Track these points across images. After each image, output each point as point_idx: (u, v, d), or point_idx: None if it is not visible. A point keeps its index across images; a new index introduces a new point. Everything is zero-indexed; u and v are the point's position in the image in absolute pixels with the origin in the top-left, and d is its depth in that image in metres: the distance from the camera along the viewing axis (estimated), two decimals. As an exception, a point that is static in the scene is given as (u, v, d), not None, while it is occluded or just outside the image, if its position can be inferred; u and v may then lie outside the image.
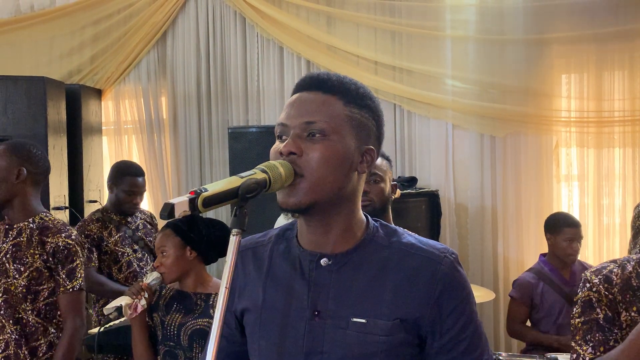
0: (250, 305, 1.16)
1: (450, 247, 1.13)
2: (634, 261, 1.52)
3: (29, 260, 2.20)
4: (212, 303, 2.16)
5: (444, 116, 4.24)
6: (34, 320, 2.22)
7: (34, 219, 2.26)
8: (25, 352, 2.21)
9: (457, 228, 4.23)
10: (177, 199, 0.94)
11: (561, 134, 4.13)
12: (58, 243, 2.22)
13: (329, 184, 1.06)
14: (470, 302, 1.11)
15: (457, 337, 1.08)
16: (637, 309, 1.46)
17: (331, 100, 1.09)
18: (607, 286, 1.49)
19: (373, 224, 1.15)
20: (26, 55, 4.82)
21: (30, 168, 2.28)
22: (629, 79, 3.99)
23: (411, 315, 1.06)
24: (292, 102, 1.10)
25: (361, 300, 1.07)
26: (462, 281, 1.10)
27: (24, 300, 2.20)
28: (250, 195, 1.00)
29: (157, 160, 4.70)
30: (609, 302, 1.49)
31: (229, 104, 4.59)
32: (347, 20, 4.36)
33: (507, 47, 4.14)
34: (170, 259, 2.17)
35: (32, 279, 2.20)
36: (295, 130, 1.07)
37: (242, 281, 1.18)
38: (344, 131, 1.08)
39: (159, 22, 4.62)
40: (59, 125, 4.18)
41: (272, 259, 1.16)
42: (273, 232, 1.21)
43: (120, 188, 3.14)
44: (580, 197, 4.12)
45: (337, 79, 1.12)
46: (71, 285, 2.22)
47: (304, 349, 1.07)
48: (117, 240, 3.12)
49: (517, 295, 3.30)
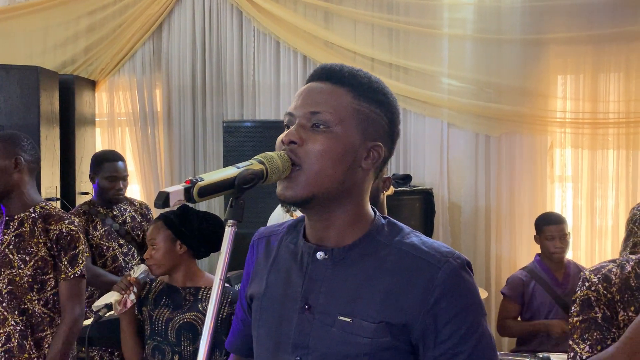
0: (255, 292, 1.15)
1: (457, 252, 1.05)
2: (633, 261, 1.51)
3: (33, 250, 2.19)
4: (200, 297, 2.14)
5: (440, 114, 4.24)
6: (41, 310, 2.21)
7: (35, 209, 2.25)
8: (31, 344, 2.20)
9: (450, 227, 4.24)
10: (173, 188, 0.92)
11: (556, 135, 4.14)
12: (62, 229, 2.21)
13: (328, 178, 1.03)
14: (476, 311, 1.02)
15: (455, 348, 1.00)
16: (635, 309, 1.46)
17: (340, 91, 1.06)
18: (606, 285, 1.49)
19: (379, 221, 1.10)
20: (20, 44, 4.78)
21: (26, 157, 2.27)
22: (624, 81, 4.00)
23: (399, 320, 1.01)
24: (301, 92, 1.08)
25: (351, 298, 1.04)
26: (464, 288, 1.02)
27: (30, 291, 2.19)
28: (246, 186, 0.98)
29: (151, 153, 4.68)
30: (608, 301, 1.48)
31: (224, 98, 4.57)
32: (345, 17, 4.35)
33: (504, 46, 4.14)
34: (160, 252, 2.15)
35: (37, 269, 2.19)
36: (301, 120, 1.05)
37: (255, 268, 1.18)
38: (349, 124, 1.04)
39: (155, 14, 4.59)
40: (52, 116, 4.14)
41: (280, 249, 1.15)
42: (289, 222, 1.20)
43: (101, 176, 3.06)
44: (573, 198, 4.13)
45: (349, 70, 1.08)
46: (73, 272, 2.22)
47: (292, 340, 1.06)
48: (102, 234, 3.07)
49: (509, 292, 3.31)
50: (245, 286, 1.21)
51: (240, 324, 1.25)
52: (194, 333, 2.08)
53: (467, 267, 1.04)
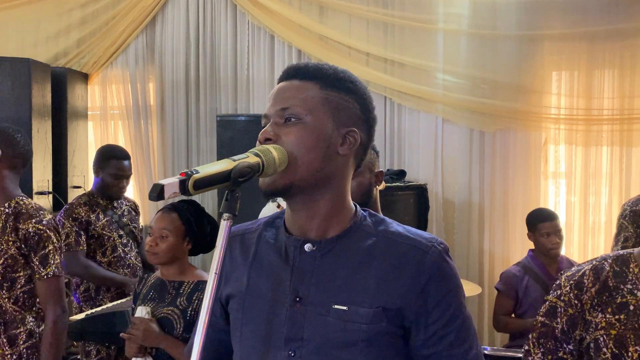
0: (234, 291, 1.14)
1: (438, 238, 1.11)
2: (611, 259, 1.50)
3: (3, 247, 2.14)
4: (182, 292, 2.11)
5: (434, 110, 4.23)
6: (12, 308, 2.17)
7: (10, 203, 2.19)
8: (4, 340, 2.16)
9: (444, 222, 4.24)
10: (167, 180, 0.91)
11: (550, 131, 4.14)
12: (28, 229, 2.15)
13: (305, 165, 1.05)
14: (459, 294, 1.08)
15: (444, 329, 1.05)
16: (612, 310, 1.44)
17: (307, 85, 1.10)
18: (577, 293, 1.48)
19: (361, 212, 1.13)
20: (11, 36, 4.74)
21: (7, 150, 2.21)
22: (618, 78, 4.01)
23: (394, 304, 1.04)
24: (272, 94, 1.12)
25: (344, 287, 1.05)
26: (450, 272, 1.07)
27: (0, 288, 2.15)
28: (242, 179, 0.98)
29: (144, 147, 4.65)
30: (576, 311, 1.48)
31: (217, 92, 4.55)
32: (340, 11, 4.33)
33: (499, 42, 4.14)
34: (167, 244, 2.10)
35: (7, 267, 2.14)
36: (274, 118, 1.09)
37: (229, 268, 1.17)
38: (319, 113, 1.08)
39: (149, 6, 4.55)
40: (44, 109, 4.10)
41: (259, 245, 1.15)
42: (263, 220, 1.20)
43: (106, 172, 3.13)
44: (567, 195, 4.14)
45: (314, 66, 1.13)
46: (45, 272, 2.16)
47: (284, 335, 1.06)
48: (104, 224, 3.11)
49: (503, 287, 3.32)
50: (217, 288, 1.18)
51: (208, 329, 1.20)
52: (169, 328, 2.04)
53: (448, 252, 1.10)
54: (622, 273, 1.46)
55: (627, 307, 1.43)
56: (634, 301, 1.43)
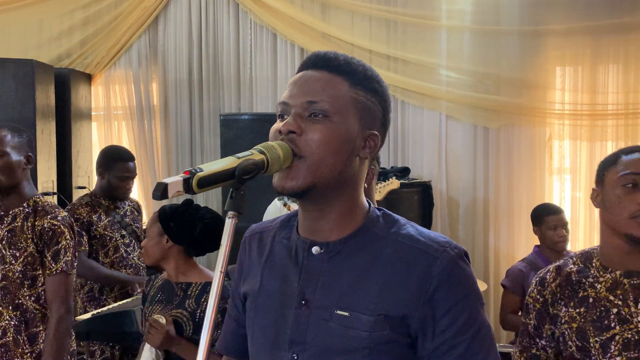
0: (249, 289, 1.13)
1: (454, 242, 1.04)
2: (576, 256, 1.56)
3: (23, 245, 2.17)
4: (190, 294, 2.10)
5: (438, 107, 4.22)
6: (33, 306, 2.19)
7: (28, 203, 2.23)
8: (25, 339, 2.18)
9: (448, 219, 4.23)
10: (171, 179, 0.90)
11: (554, 127, 4.12)
12: (44, 225, 2.18)
13: (329, 167, 1.01)
14: (473, 301, 1.01)
15: (454, 339, 0.99)
16: (574, 304, 1.48)
17: (336, 80, 1.04)
18: (539, 289, 1.53)
19: (374, 213, 1.09)
20: (14, 37, 4.74)
21: (32, 153, 2.27)
22: (623, 73, 3.99)
23: (398, 312, 0.99)
24: (296, 81, 1.06)
25: (348, 292, 1.02)
26: (462, 278, 1.01)
27: (21, 286, 2.17)
28: (247, 176, 0.96)
29: (147, 147, 4.65)
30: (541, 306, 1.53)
31: (220, 91, 4.55)
32: (342, 8, 4.32)
33: (502, 38, 4.12)
34: (150, 242, 2.15)
35: (27, 264, 2.17)
36: (297, 109, 1.03)
37: (248, 265, 1.16)
38: (348, 113, 1.03)
39: (151, 6, 4.55)
40: (48, 110, 4.11)
41: (273, 245, 1.13)
42: (281, 218, 1.18)
43: (112, 174, 3.14)
44: (572, 190, 4.13)
45: (344, 59, 1.07)
46: (55, 268, 2.18)
47: (288, 337, 1.04)
48: (106, 225, 3.12)
49: (509, 284, 3.31)
50: (239, 284, 1.18)
51: (234, 324, 1.21)
52: (179, 330, 2.03)
53: (465, 257, 1.03)
54: (585, 268, 1.52)
55: (587, 300, 1.47)
56: (594, 293, 1.47)
